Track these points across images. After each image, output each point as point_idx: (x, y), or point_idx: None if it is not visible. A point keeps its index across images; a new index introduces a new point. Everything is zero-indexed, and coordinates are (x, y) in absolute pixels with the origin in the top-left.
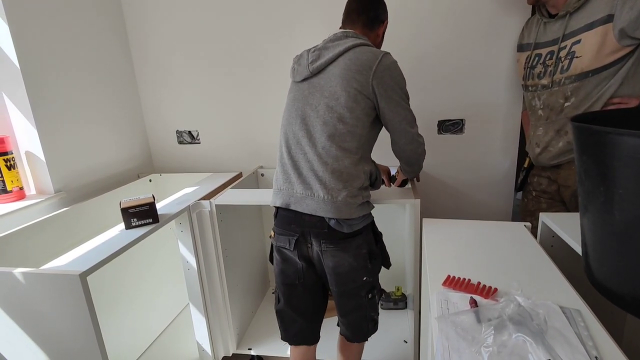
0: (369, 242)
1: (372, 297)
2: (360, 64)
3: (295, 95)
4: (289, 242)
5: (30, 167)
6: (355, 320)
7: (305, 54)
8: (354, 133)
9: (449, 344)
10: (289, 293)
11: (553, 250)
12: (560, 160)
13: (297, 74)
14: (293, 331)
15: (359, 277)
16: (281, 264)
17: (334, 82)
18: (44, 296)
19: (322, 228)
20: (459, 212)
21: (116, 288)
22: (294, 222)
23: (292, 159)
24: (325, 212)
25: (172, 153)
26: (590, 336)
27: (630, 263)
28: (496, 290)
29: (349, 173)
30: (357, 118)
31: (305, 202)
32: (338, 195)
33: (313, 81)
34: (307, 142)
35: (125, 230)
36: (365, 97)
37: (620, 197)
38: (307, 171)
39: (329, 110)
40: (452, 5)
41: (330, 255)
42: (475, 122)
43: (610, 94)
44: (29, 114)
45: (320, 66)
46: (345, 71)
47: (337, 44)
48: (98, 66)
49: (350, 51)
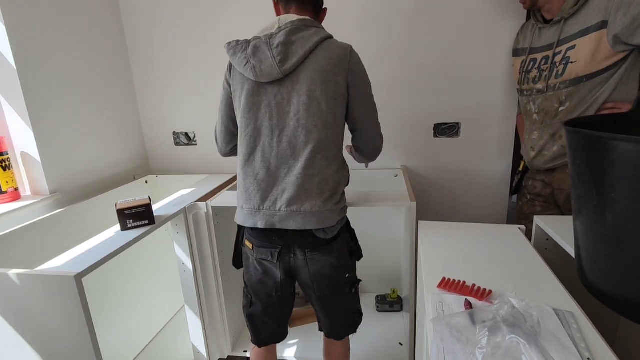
0: (348, 241)
1: (355, 291)
2: (334, 63)
3: (263, 99)
4: (271, 255)
5: (25, 168)
6: (344, 317)
7: (264, 47)
8: (335, 138)
9: (443, 346)
10: (266, 301)
11: (547, 253)
12: (554, 164)
13: (260, 73)
14: (265, 334)
15: (342, 275)
16: (261, 275)
17: (311, 85)
18: (39, 297)
19: (307, 238)
20: (454, 214)
21: (111, 290)
22: (276, 235)
23: (271, 174)
24: (312, 224)
25: (169, 154)
26: (583, 338)
27: (622, 266)
28: (491, 292)
29: (334, 180)
30: (338, 123)
31: (292, 219)
32: (325, 206)
33: (285, 84)
34: (290, 154)
35: (121, 231)
36: (342, 97)
37: (613, 200)
38: (291, 186)
39: (311, 117)
40: (448, 9)
41: (315, 261)
42: (471, 125)
43: (604, 99)
44: (25, 115)
45: (293, 67)
46: (320, 73)
47: (303, 38)
48: (95, 67)
49: (319, 47)
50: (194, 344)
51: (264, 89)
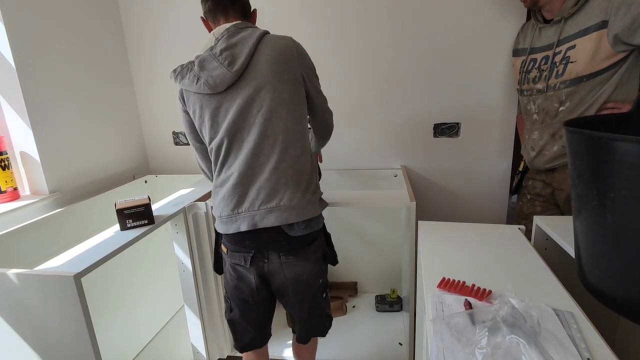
0: (322, 245)
1: (326, 296)
2: (282, 52)
3: (222, 108)
4: (244, 259)
5: (24, 168)
6: (315, 321)
7: (210, 59)
8: (301, 126)
9: (443, 346)
10: (242, 307)
11: (547, 253)
12: (554, 164)
13: (213, 84)
14: (246, 340)
15: (316, 280)
16: (236, 280)
17: (267, 78)
18: (38, 297)
19: (281, 241)
20: (454, 214)
21: (111, 290)
22: (249, 239)
23: (245, 176)
24: (294, 217)
25: (168, 154)
26: (583, 338)
27: (622, 266)
28: (490, 292)
29: (307, 169)
30: (302, 111)
31: (272, 215)
32: (304, 197)
33: (240, 84)
34: (260, 151)
35: (121, 231)
36: (299, 84)
37: (613, 200)
38: (266, 182)
39: (274, 109)
40: (449, 9)
41: (290, 266)
42: (471, 125)
43: (604, 98)
44: (24, 114)
45: (242, 66)
46: (272, 64)
47: (242, 38)
48: (95, 67)
49: (261, 42)
50: (194, 343)
51: (222, 97)
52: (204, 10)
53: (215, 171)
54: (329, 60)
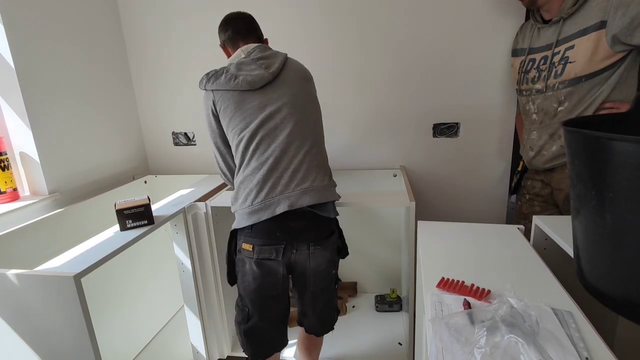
0: (337, 239)
1: (336, 287)
2: (301, 72)
3: (256, 102)
4: (275, 252)
5: (24, 168)
6: (327, 312)
7: (247, 62)
8: (321, 125)
9: (442, 346)
10: (264, 305)
11: (546, 253)
12: (553, 164)
13: (252, 80)
14: (266, 347)
15: (331, 271)
16: (261, 277)
17: (299, 83)
18: (38, 298)
19: (311, 231)
20: (453, 214)
21: (111, 290)
22: (280, 230)
23: (281, 162)
24: (325, 197)
25: (168, 154)
26: (582, 338)
27: (621, 265)
28: (489, 292)
29: (326, 161)
30: (320, 114)
31: (308, 195)
32: (330, 181)
33: (273, 85)
34: (302, 138)
35: (120, 231)
36: (316, 99)
37: (612, 200)
38: (303, 165)
39: (307, 105)
40: (448, 9)
41: (315, 256)
42: (470, 125)
43: (602, 98)
44: (23, 115)
45: (277, 70)
46: (297, 73)
47: (272, 54)
48: (94, 67)
49: (287, 61)
50: (194, 344)
51: (259, 93)
52: (223, 38)
53: (245, 162)
54: (327, 60)
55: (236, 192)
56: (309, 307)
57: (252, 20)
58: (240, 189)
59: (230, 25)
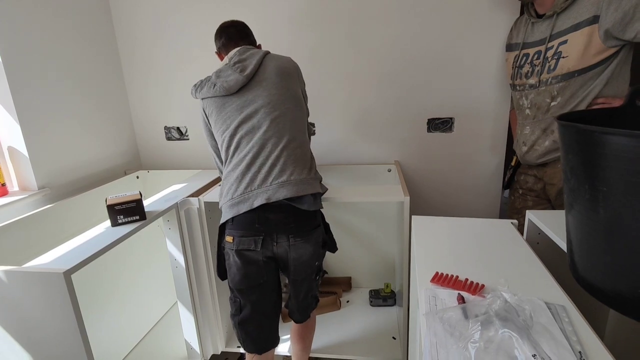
0: (322, 233)
1: (318, 278)
2: (285, 65)
3: (235, 105)
4: (254, 243)
5: (13, 163)
6: (306, 301)
7: (225, 68)
8: (304, 121)
9: (436, 340)
10: (255, 296)
11: (539, 247)
12: (546, 159)
13: (227, 86)
14: (262, 338)
15: (313, 262)
16: (243, 268)
17: (276, 81)
18: (28, 295)
19: (290, 223)
20: (447, 209)
21: (102, 286)
22: (258, 222)
23: (259, 157)
24: (303, 190)
25: (160, 149)
26: (575, 331)
27: (613, 259)
28: (483, 286)
29: (309, 156)
30: (303, 110)
31: (284, 188)
32: (309, 174)
33: (250, 86)
34: (278, 135)
35: (112, 227)
36: (299, 84)
37: (605, 194)
38: (279, 160)
39: (285, 103)
40: (442, 3)
41: (296, 248)
42: (465, 120)
43: (595, 94)
44: (11, 109)
45: (252, 72)
46: (277, 69)
47: (251, 54)
48: (84, 60)
49: (266, 58)
50: (187, 340)
51: (236, 96)
52: (218, 45)
53: (227, 159)
54: (321, 56)
55: (221, 188)
56: (292, 295)
57: (244, 27)
58: (223, 184)
59: (223, 32)
